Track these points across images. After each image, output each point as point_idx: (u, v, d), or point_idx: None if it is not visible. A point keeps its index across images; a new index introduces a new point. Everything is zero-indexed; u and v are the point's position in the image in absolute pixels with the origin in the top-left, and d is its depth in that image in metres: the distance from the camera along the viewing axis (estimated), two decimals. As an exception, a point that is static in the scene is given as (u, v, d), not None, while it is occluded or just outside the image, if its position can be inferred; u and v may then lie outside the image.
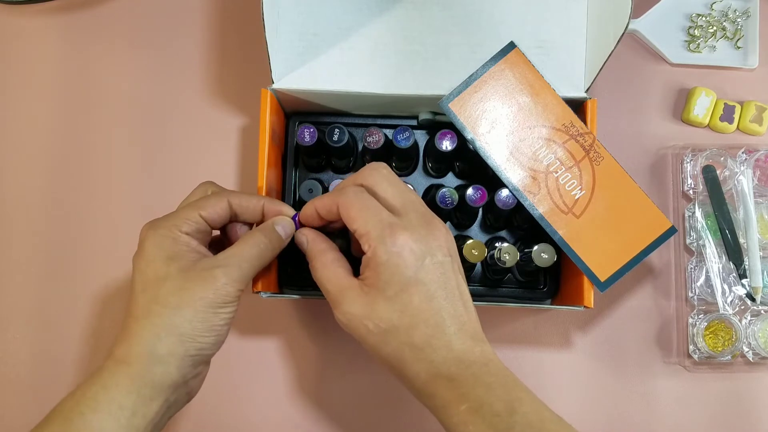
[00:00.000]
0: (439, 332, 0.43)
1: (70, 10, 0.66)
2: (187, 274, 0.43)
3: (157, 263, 0.44)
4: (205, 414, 0.61)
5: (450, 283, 0.44)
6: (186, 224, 0.45)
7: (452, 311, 0.43)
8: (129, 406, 0.41)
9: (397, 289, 0.42)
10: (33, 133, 0.65)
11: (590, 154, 0.53)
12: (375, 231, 0.43)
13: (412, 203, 0.45)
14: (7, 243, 0.63)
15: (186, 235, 0.45)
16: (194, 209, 0.46)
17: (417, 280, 0.43)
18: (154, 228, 0.45)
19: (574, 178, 0.53)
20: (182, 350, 0.43)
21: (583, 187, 0.53)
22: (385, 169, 0.47)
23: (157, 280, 0.43)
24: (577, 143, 0.53)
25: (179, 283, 0.43)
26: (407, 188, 0.47)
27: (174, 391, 0.43)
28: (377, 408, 0.61)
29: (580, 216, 0.52)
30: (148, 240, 0.45)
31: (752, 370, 0.62)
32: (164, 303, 0.43)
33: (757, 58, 0.65)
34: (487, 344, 0.44)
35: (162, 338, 0.42)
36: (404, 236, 0.43)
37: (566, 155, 0.53)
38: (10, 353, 0.62)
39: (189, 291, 0.43)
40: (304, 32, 0.56)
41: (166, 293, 0.43)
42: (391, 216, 0.44)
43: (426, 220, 0.44)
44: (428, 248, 0.43)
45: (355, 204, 0.44)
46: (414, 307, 0.43)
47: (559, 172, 0.53)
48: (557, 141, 0.53)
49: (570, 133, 0.53)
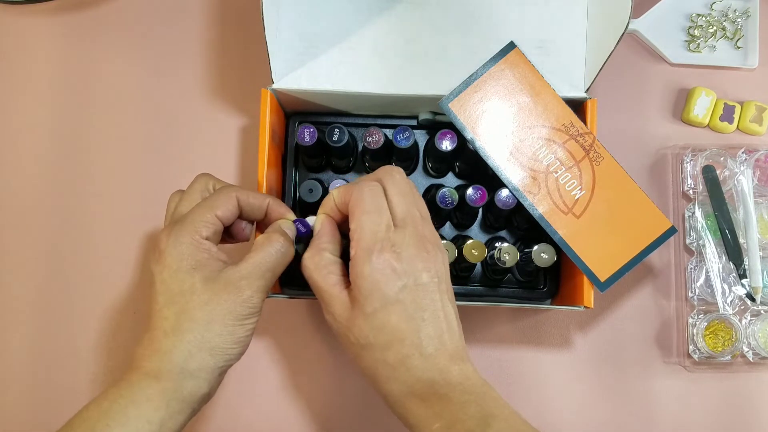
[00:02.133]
0: (414, 353, 0.42)
1: (70, 10, 0.66)
2: (212, 287, 0.43)
3: (181, 274, 0.43)
4: (203, 413, 0.61)
5: (432, 305, 0.43)
6: (205, 228, 0.45)
7: (431, 332, 0.43)
8: (157, 421, 0.42)
9: (376, 306, 0.42)
10: (33, 132, 0.65)
11: (590, 154, 0.53)
12: (365, 241, 0.43)
13: (413, 219, 0.44)
14: (7, 243, 0.63)
15: (207, 240, 0.45)
16: (209, 210, 0.46)
17: (396, 300, 0.42)
18: (175, 236, 0.44)
19: (574, 178, 0.53)
20: (212, 363, 0.43)
21: (583, 187, 0.53)
22: (398, 174, 0.46)
23: (183, 293, 0.43)
24: (577, 143, 0.53)
25: (206, 296, 0.43)
26: (414, 201, 0.46)
27: (201, 402, 0.44)
28: (374, 408, 0.61)
29: (580, 216, 0.52)
30: (169, 250, 0.44)
31: (752, 370, 0.62)
32: (193, 317, 0.43)
33: (757, 58, 0.65)
34: (466, 362, 0.44)
35: (194, 354, 0.43)
36: (390, 255, 0.42)
37: (566, 155, 0.53)
38: (10, 353, 0.62)
39: (216, 305, 0.43)
40: (304, 32, 0.56)
41: (194, 307, 0.43)
42: (389, 229, 0.43)
43: (420, 239, 0.44)
44: (413, 269, 0.43)
45: (362, 203, 0.44)
46: (391, 327, 0.42)
47: (559, 172, 0.53)
48: (557, 141, 0.53)
49: (570, 133, 0.53)
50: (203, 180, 0.49)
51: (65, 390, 0.61)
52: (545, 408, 0.61)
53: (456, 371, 0.43)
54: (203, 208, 0.46)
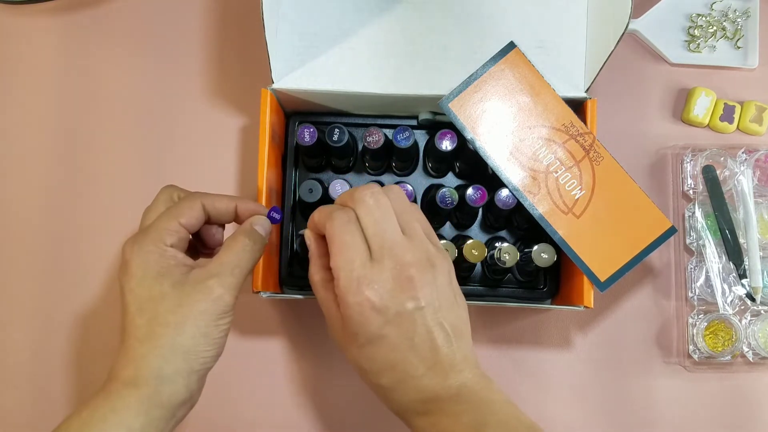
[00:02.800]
0: (406, 377, 0.43)
1: (70, 10, 0.66)
2: (182, 290, 0.43)
3: (149, 281, 0.43)
4: (206, 414, 0.61)
5: (422, 327, 0.43)
6: (169, 236, 0.45)
7: (422, 355, 0.43)
8: (137, 428, 0.41)
9: (363, 341, 0.43)
10: (32, 132, 0.64)
11: (590, 154, 0.53)
12: (343, 280, 0.42)
13: (391, 248, 0.43)
14: (7, 243, 0.63)
15: (171, 247, 0.45)
16: (172, 218, 0.45)
17: (381, 335, 0.42)
18: (138, 244, 0.44)
19: (574, 178, 0.53)
20: (187, 367, 0.43)
21: (583, 187, 0.53)
22: (371, 197, 0.44)
23: (152, 299, 0.43)
24: (577, 143, 0.53)
25: (176, 300, 0.43)
26: (391, 228, 0.44)
27: (181, 407, 0.44)
28: (376, 408, 0.61)
29: (580, 216, 0.52)
30: (134, 259, 0.44)
31: (752, 370, 0.62)
32: (165, 323, 0.42)
33: (757, 58, 0.65)
34: (464, 371, 0.43)
35: (168, 359, 0.42)
36: (369, 293, 0.42)
37: (566, 155, 0.53)
38: (10, 354, 0.62)
39: (187, 307, 0.43)
40: (304, 32, 0.56)
41: (164, 312, 0.43)
42: (364, 264, 0.42)
43: (401, 269, 0.43)
44: (395, 302, 0.42)
45: (335, 238, 0.43)
46: (380, 357, 0.43)
47: (559, 172, 0.53)
48: (557, 141, 0.53)
49: (570, 133, 0.53)
50: (167, 191, 0.49)
51: (63, 393, 0.61)
52: (545, 408, 0.61)
53: (452, 383, 0.43)
54: (166, 217, 0.46)
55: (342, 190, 0.54)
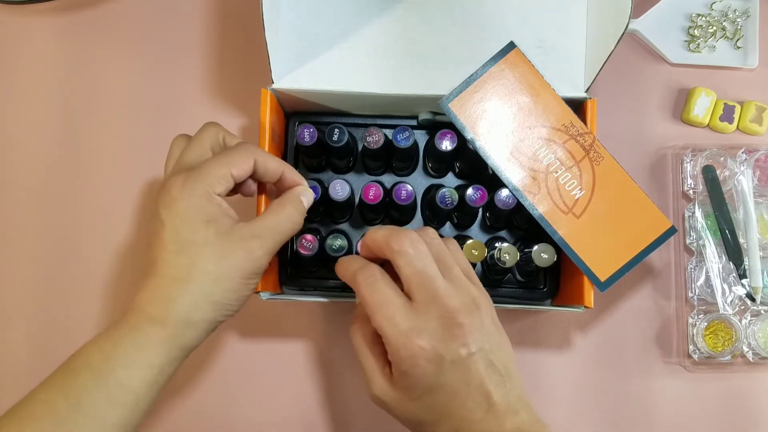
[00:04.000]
0: (464, 423, 0.43)
1: (70, 10, 0.66)
2: (225, 241, 0.44)
3: (195, 224, 0.44)
4: (207, 414, 0.61)
5: (476, 374, 0.42)
6: (219, 184, 0.45)
7: (478, 400, 0.42)
8: (158, 365, 0.43)
9: (419, 392, 0.43)
10: (33, 132, 0.65)
11: (590, 154, 0.53)
12: (391, 337, 0.42)
13: (435, 299, 0.43)
14: (7, 243, 0.63)
15: (219, 196, 0.45)
16: (225, 167, 0.45)
17: (438, 384, 0.42)
18: (191, 186, 0.44)
19: (574, 178, 0.53)
20: (213, 317, 0.44)
21: (583, 187, 0.53)
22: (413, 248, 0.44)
23: (196, 243, 0.43)
24: (577, 143, 0.53)
25: (219, 250, 0.43)
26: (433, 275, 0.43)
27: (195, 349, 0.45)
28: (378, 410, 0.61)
29: (580, 216, 0.52)
30: (183, 198, 0.44)
31: (752, 370, 0.62)
32: (204, 269, 0.43)
33: (757, 58, 0.65)
34: (520, 412, 0.43)
35: (199, 306, 0.43)
36: (420, 344, 0.41)
37: (566, 155, 0.53)
38: (10, 354, 0.62)
39: (228, 260, 0.43)
40: (304, 32, 0.56)
41: (206, 260, 0.43)
42: (407, 316, 0.42)
43: (448, 315, 0.42)
44: (447, 350, 0.42)
45: (367, 299, 0.43)
46: (438, 406, 0.43)
47: (559, 172, 0.53)
48: (557, 141, 0.53)
49: (570, 133, 0.53)
50: (213, 130, 0.49)
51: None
52: (545, 408, 0.61)
53: (509, 426, 0.43)
54: (219, 164, 0.45)
55: (342, 190, 0.54)
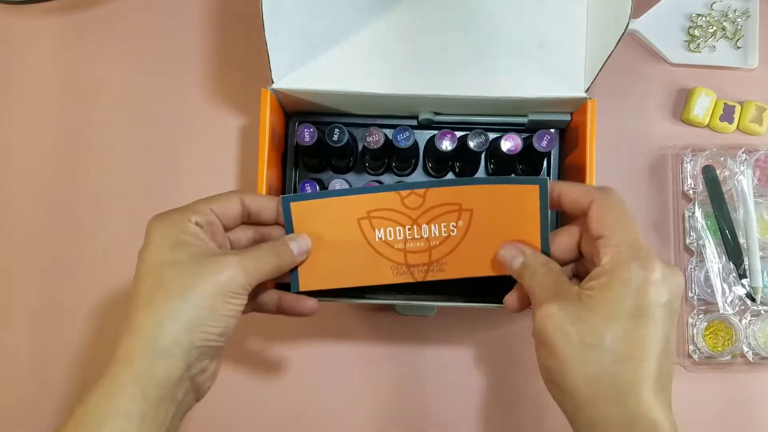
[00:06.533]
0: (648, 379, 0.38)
1: (70, 10, 0.66)
2: (196, 261, 0.40)
3: (163, 249, 0.41)
4: (208, 414, 0.61)
5: (671, 338, 0.40)
6: (195, 215, 0.43)
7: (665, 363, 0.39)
8: (136, 413, 0.38)
9: (625, 312, 0.38)
10: (32, 133, 0.64)
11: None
12: (629, 247, 0.40)
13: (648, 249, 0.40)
14: (7, 243, 0.63)
15: (195, 225, 0.42)
16: (204, 202, 0.44)
17: (651, 315, 0.39)
18: (161, 218, 0.43)
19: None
20: (187, 340, 0.39)
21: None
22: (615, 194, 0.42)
23: (162, 265, 0.40)
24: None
25: (187, 267, 0.40)
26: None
27: (180, 386, 0.40)
28: (379, 411, 0.61)
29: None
30: (155, 230, 0.42)
31: (752, 370, 0.62)
32: (168, 288, 0.39)
33: (757, 58, 0.65)
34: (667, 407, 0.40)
35: (165, 326, 0.38)
36: (659, 267, 0.39)
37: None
38: (10, 353, 0.62)
39: (196, 276, 0.40)
40: (304, 32, 0.56)
41: (171, 277, 0.40)
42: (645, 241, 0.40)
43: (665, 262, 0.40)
44: (671, 290, 0.39)
45: (615, 209, 0.41)
46: (635, 339, 0.38)
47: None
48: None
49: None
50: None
51: (64, 392, 0.61)
52: (545, 408, 0.61)
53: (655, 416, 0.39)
54: (198, 201, 0.45)
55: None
